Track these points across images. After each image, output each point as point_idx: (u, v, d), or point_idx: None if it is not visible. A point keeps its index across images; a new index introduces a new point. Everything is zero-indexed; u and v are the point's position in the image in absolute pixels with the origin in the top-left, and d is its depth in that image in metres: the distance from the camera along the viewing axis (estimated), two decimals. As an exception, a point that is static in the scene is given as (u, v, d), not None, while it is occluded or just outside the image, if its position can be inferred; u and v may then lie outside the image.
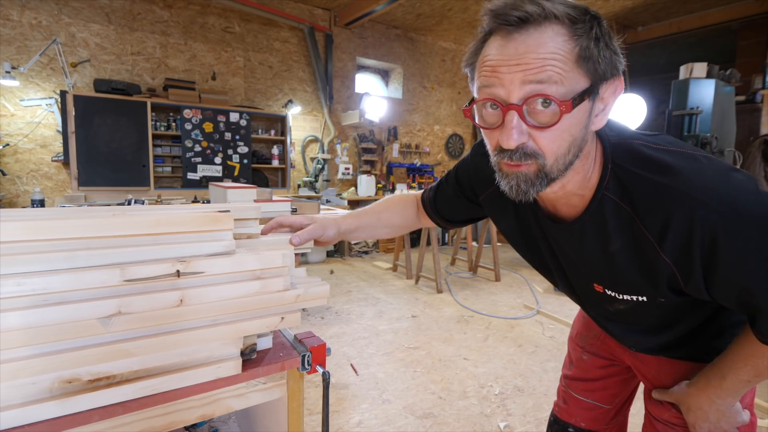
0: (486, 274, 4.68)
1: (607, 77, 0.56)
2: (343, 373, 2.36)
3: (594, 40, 0.54)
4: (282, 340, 0.85)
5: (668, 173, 0.58)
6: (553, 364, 2.48)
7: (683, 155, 0.60)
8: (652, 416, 0.87)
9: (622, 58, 0.58)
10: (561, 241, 0.74)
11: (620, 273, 0.68)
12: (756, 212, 0.55)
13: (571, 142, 0.57)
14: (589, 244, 0.69)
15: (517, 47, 0.53)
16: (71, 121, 4.18)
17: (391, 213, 1.05)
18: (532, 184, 0.59)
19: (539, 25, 0.53)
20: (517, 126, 0.54)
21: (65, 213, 0.72)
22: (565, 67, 0.52)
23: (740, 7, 5.67)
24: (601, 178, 0.64)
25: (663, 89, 5.13)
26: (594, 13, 0.56)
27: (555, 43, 0.52)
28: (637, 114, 3.76)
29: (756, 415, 0.80)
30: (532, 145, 0.56)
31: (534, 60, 0.52)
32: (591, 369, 1.02)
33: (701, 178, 0.57)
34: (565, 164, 0.58)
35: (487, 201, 0.86)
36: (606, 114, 0.60)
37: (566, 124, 0.55)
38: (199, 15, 5.14)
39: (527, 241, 0.83)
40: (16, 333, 0.54)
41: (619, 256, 0.66)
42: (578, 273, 0.77)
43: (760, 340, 0.63)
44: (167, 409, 0.72)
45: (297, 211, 2.60)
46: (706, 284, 0.60)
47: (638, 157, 0.62)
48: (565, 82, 0.53)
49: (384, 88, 7.18)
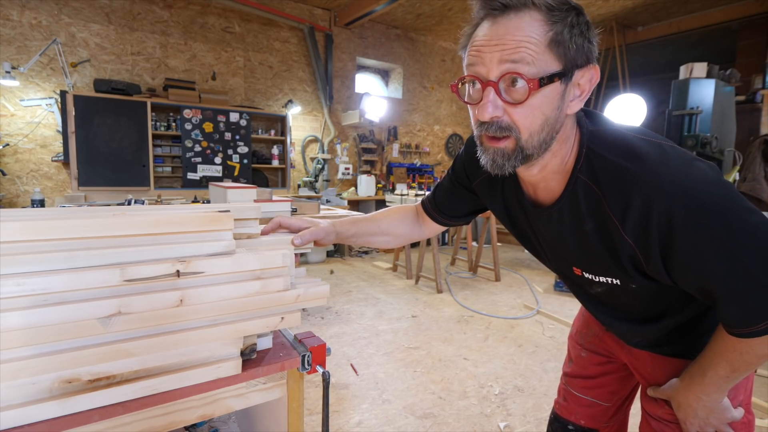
0: (486, 274, 4.68)
1: (580, 64, 0.61)
2: (343, 373, 2.36)
3: (568, 27, 0.59)
4: (282, 340, 0.85)
5: (633, 158, 0.62)
6: (553, 364, 2.48)
7: (650, 143, 0.64)
8: (648, 414, 0.88)
9: (596, 48, 0.63)
10: (541, 226, 0.78)
11: (592, 254, 0.72)
12: (712, 201, 0.57)
13: (544, 121, 0.62)
14: (566, 226, 0.72)
15: (498, 29, 0.59)
16: (71, 121, 4.18)
17: (390, 221, 1.05)
18: (509, 158, 0.64)
19: (519, 11, 0.59)
20: (493, 100, 0.61)
21: (65, 213, 0.72)
22: (537, 50, 0.58)
23: (740, 7, 5.67)
24: (576, 161, 0.68)
25: (663, 89, 5.13)
26: (575, 5, 0.61)
27: (531, 27, 0.58)
28: (637, 114, 3.76)
29: (754, 414, 0.80)
30: (507, 119, 0.62)
31: (510, 41, 0.58)
32: (589, 366, 1.03)
33: (664, 165, 0.60)
34: (539, 141, 0.63)
35: (480, 187, 0.90)
36: (582, 100, 0.65)
37: (537, 102, 0.60)
38: (199, 15, 5.14)
39: (516, 225, 0.87)
40: (16, 333, 0.54)
41: (591, 237, 0.69)
42: (559, 257, 0.81)
43: (727, 332, 0.65)
44: (167, 409, 0.72)
45: (297, 211, 2.60)
46: (666, 269, 0.63)
47: (609, 142, 0.66)
48: (536, 64, 0.58)
49: (384, 88, 7.18)
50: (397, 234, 1.06)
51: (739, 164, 3.57)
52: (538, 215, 0.76)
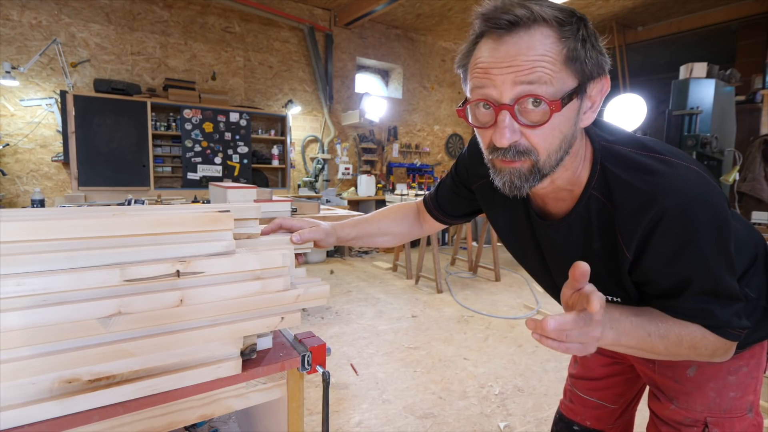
0: (486, 274, 4.67)
1: (594, 76, 0.59)
2: (343, 373, 2.36)
3: (581, 41, 0.56)
4: (282, 340, 0.85)
5: (650, 180, 0.61)
6: (553, 364, 2.48)
7: (665, 162, 0.63)
8: (655, 414, 0.87)
9: (607, 58, 0.61)
10: (548, 238, 0.76)
11: (598, 271, 0.70)
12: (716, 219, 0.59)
13: (561, 139, 0.59)
14: (573, 241, 0.71)
15: (508, 50, 0.55)
16: (71, 121, 4.18)
17: (390, 221, 1.05)
18: (526, 179, 0.61)
19: (528, 28, 0.55)
20: (510, 125, 0.57)
21: (65, 213, 0.72)
22: (554, 68, 0.55)
23: (740, 7, 5.67)
24: (590, 177, 0.66)
25: (663, 89, 5.13)
26: (580, 14, 0.58)
27: (544, 46, 0.54)
28: (637, 114, 3.76)
29: (763, 416, 0.80)
30: (525, 142, 0.59)
31: (524, 62, 0.54)
32: (595, 367, 1.02)
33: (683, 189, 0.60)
34: (556, 160, 0.61)
35: (480, 190, 0.88)
36: (594, 111, 0.62)
37: (557, 122, 0.57)
38: (199, 15, 5.14)
39: (515, 234, 0.85)
40: (16, 333, 0.54)
41: (597, 255, 0.68)
42: (561, 269, 0.79)
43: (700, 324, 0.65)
44: (167, 409, 0.72)
45: (297, 211, 2.60)
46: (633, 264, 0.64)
47: (625, 161, 0.64)
48: (555, 83, 0.55)
49: (384, 88, 7.18)
50: (396, 233, 1.06)
51: (739, 164, 3.57)
52: (545, 228, 0.75)
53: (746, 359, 0.79)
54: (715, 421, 0.78)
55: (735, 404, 0.78)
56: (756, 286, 0.76)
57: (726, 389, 0.78)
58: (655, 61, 7.60)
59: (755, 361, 0.80)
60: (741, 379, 0.79)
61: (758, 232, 0.81)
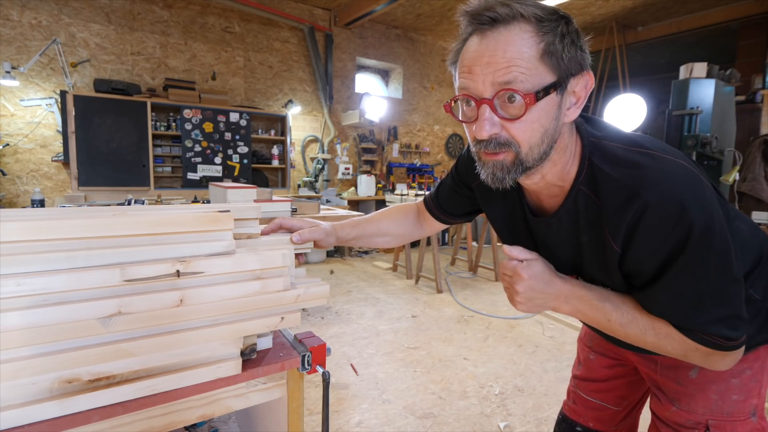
0: (486, 274, 4.67)
1: (574, 72, 0.61)
2: (343, 373, 2.36)
3: (559, 36, 0.58)
4: (282, 340, 0.85)
5: (634, 171, 0.62)
6: (553, 364, 2.48)
7: (653, 157, 0.63)
8: (657, 417, 0.87)
9: (588, 56, 0.63)
10: (542, 233, 0.77)
11: (587, 263, 0.72)
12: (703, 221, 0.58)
13: (543, 133, 0.61)
14: (564, 235, 0.72)
15: (488, 44, 0.58)
16: (71, 121, 4.17)
17: (390, 221, 1.06)
18: (508, 171, 0.63)
19: (508, 24, 0.58)
20: (489, 118, 0.60)
21: (65, 213, 0.72)
22: (529, 65, 0.57)
23: (740, 7, 5.67)
24: (578, 173, 0.67)
25: (663, 89, 5.13)
26: (564, 14, 0.60)
27: (521, 41, 0.57)
28: (637, 114, 3.76)
29: (767, 420, 0.79)
30: (505, 135, 0.61)
31: (501, 59, 0.57)
32: (598, 369, 1.02)
33: (665, 181, 0.60)
34: (539, 153, 0.63)
35: (479, 188, 0.89)
36: (578, 107, 0.64)
37: (535, 116, 0.59)
38: (199, 15, 5.14)
39: (512, 230, 0.85)
40: (16, 333, 0.54)
41: (587, 248, 0.70)
42: (555, 264, 0.79)
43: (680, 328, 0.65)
44: (167, 409, 0.72)
45: (297, 211, 2.60)
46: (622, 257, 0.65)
47: (612, 156, 0.65)
48: (530, 80, 0.57)
49: (384, 88, 7.18)
50: (397, 234, 1.06)
51: (739, 164, 3.57)
52: (538, 224, 0.76)
53: (750, 362, 0.78)
54: (716, 424, 0.77)
55: (738, 407, 0.77)
56: (761, 287, 0.75)
57: (729, 392, 0.78)
58: (655, 61, 7.60)
59: (759, 364, 0.78)
60: (744, 382, 0.78)
61: (763, 232, 0.79)
